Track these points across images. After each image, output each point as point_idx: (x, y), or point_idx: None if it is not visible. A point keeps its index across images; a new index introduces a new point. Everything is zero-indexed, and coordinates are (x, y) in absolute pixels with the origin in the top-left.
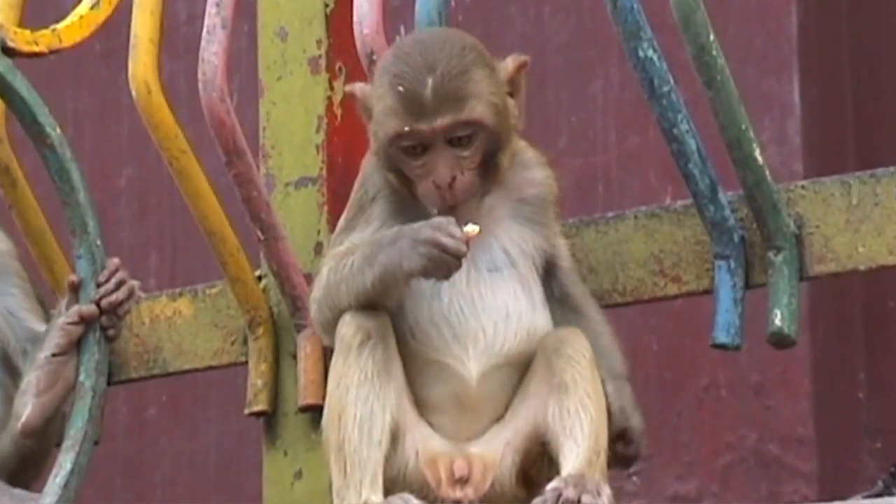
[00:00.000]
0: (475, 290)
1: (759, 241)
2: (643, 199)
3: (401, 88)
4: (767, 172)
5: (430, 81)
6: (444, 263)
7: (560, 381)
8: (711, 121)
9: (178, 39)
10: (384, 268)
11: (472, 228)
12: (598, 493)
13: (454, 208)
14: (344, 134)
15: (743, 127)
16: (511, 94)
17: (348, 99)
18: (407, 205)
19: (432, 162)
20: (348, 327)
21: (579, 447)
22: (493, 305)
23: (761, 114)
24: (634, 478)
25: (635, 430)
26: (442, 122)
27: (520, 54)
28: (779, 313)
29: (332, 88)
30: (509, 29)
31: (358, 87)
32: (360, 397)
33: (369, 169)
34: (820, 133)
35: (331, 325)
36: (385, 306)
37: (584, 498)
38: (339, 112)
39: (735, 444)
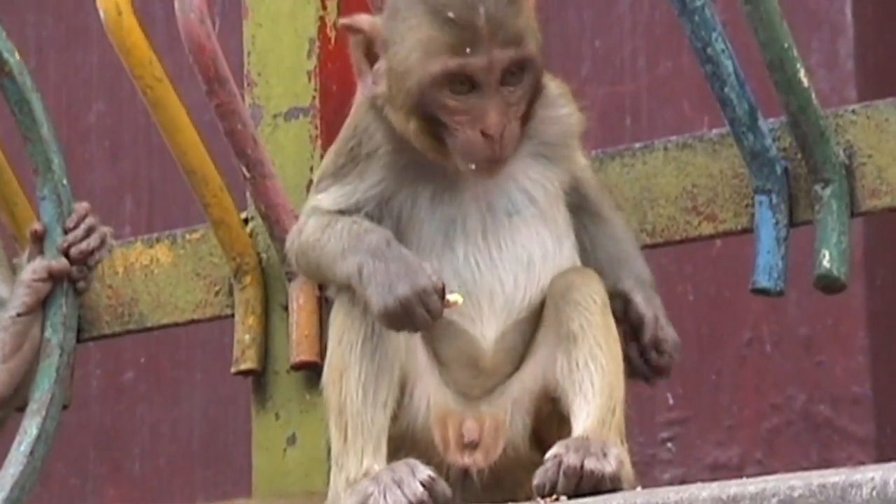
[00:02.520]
0: (493, 241)
1: (804, 174)
2: (676, 132)
3: (450, 15)
4: (814, 96)
5: (482, 9)
6: (401, 326)
7: (567, 330)
8: (752, 42)
9: None
10: (350, 273)
11: (455, 298)
12: (604, 455)
13: (495, 162)
14: (339, 59)
15: (785, 45)
16: None
17: (342, 31)
18: (412, 165)
19: (481, 106)
20: None
21: (590, 404)
22: (514, 255)
23: (809, 33)
24: (669, 444)
25: (669, 340)
26: (501, 55)
27: None
28: (827, 253)
29: (324, 8)
30: None
31: (362, 20)
32: (365, 355)
33: (364, 118)
34: (875, 55)
35: (311, 278)
36: None
37: (588, 462)
38: (332, 35)
39: (782, 406)
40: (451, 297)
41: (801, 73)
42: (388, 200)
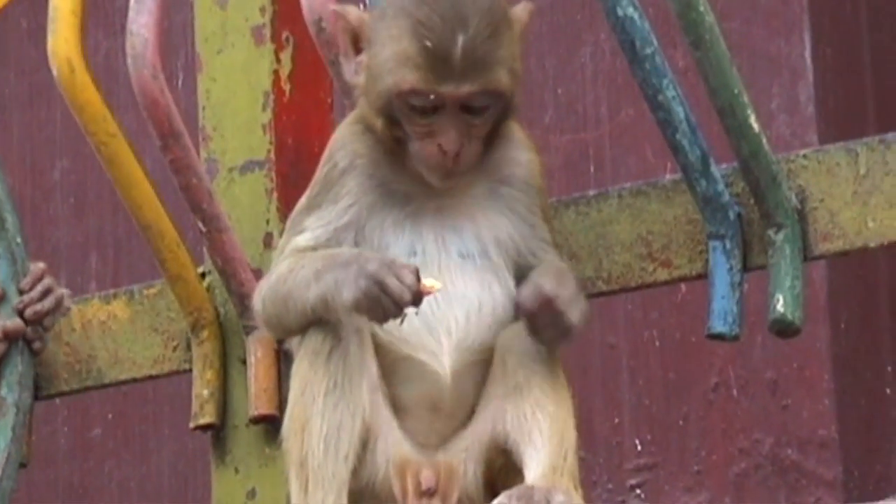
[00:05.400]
0: (447, 277)
1: (757, 219)
2: (640, 178)
3: (428, 43)
4: (765, 141)
5: (460, 41)
6: (379, 305)
7: (514, 382)
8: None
9: (114, 13)
10: (325, 290)
11: (433, 283)
12: (548, 502)
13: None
14: (294, 112)
15: (735, 91)
16: None
17: (298, 84)
18: (387, 179)
19: (442, 124)
20: (316, 329)
21: (540, 453)
22: (465, 295)
23: (769, 79)
24: (638, 490)
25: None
26: (468, 89)
27: (525, 2)
28: (781, 298)
29: (278, 61)
30: None
31: (351, 13)
32: (328, 407)
33: (341, 137)
34: (835, 99)
35: (275, 326)
36: None
37: None
38: (287, 87)
39: (749, 450)
40: (427, 281)
41: (752, 119)
42: (363, 227)
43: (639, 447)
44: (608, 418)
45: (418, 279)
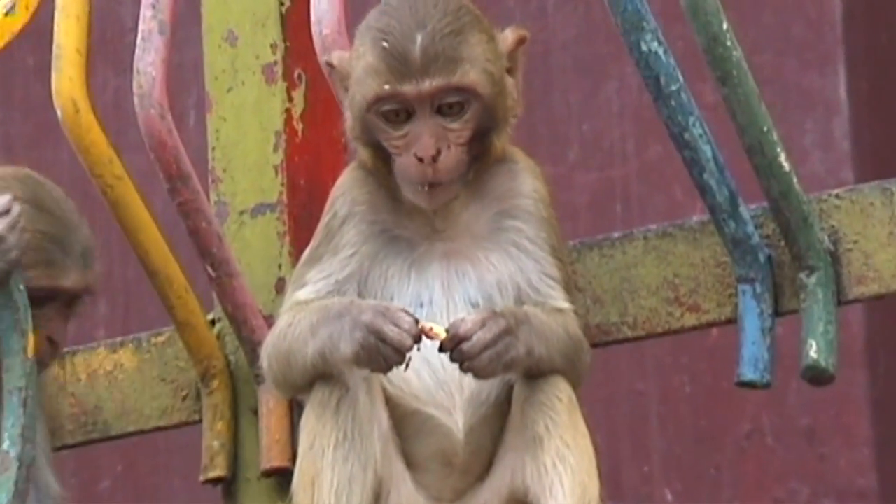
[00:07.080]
0: None
1: (788, 261)
2: (668, 218)
3: (385, 44)
4: (795, 180)
5: (419, 38)
6: (379, 355)
7: (533, 433)
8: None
9: (122, 50)
10: (322, 345)
11: (438, 329)
12: None
13: (435, 212)
14: (306, 152)
15: (764, 128)
16: (509, 72)
17: (310, 123)
18: (388, 225)
19: (416, 131)
20: (323, 381)
21: None
22: None
23: (803, 114)
24: None
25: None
26: (430, 85)
27: (518, 27)
28: (814, 344)
29: (290, 100)
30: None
31: (335, 55)
32: (338, 460)
33: (342, 184)
34: (872, 134)
35: (282, 384)
36: None
37: None
38: (299, 127)
39: (785, 500)
40: (435, 328)
41: (782, 157)
42: (365, 278)
43: (669, 497)
44: (637, 468)
45: (416, 321)
